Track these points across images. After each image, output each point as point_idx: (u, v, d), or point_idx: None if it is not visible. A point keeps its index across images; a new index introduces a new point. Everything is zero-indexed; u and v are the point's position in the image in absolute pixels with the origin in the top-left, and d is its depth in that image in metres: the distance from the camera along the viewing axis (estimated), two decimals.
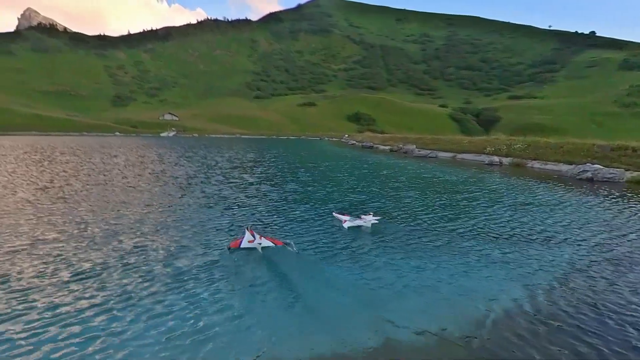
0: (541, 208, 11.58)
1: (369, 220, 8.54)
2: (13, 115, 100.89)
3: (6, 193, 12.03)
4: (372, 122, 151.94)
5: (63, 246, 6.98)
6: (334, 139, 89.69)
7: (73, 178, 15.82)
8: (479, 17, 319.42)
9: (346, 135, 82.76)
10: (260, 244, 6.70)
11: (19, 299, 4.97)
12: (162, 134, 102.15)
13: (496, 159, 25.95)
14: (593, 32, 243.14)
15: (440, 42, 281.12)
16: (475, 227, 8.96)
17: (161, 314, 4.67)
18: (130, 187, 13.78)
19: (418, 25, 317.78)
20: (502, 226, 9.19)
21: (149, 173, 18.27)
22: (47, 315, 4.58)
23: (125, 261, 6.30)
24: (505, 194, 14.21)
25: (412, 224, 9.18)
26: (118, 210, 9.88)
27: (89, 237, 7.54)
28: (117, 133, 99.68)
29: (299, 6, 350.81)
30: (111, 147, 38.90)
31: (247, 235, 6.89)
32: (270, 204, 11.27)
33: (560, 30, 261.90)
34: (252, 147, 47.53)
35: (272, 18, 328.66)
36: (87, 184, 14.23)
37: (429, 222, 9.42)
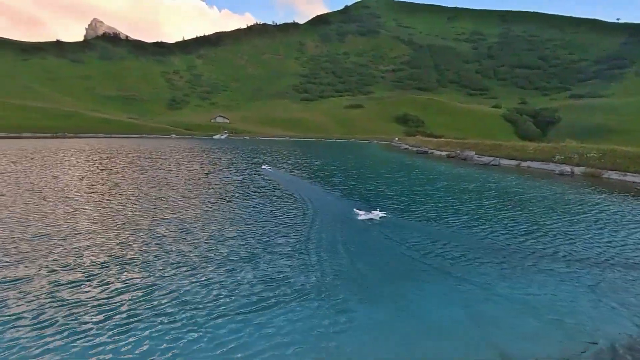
0: (631, 226, 10.71)
1: (376, 214, 10.99)
2: (83, 119, 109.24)
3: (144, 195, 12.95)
4: (420, 123, 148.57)
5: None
6: (383, 142, 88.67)
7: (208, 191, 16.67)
8: (536, 13, 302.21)
9: (396, 139, 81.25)
10: None
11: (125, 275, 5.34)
12: (214, 136, 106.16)
13: (567, 168, 24.38)
14: None
15: (493, 39, 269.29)
16: (565, 247, 8.63)
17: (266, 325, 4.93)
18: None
19: (470, 23, 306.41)
20: (593, 247, 8.72)
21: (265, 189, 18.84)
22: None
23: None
24: (586, 209, 13.31)
25: (500, 241, 8.86)
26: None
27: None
28: (174, 135, 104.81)
29: (347, 8, 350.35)
30: (182, 151, 40.60)
31: None
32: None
33: (631, 23, 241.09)
34: (310, 152, 48.13)
35: (319, 21, 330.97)
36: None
37: (520, 240, 9.08)
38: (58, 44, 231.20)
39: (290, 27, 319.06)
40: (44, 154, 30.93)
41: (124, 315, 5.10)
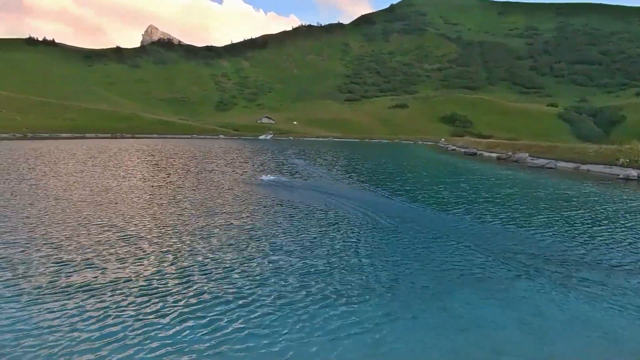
0: None
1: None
2: (139, 121, 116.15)
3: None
4: (468, 124, 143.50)
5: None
6: (429, 143, 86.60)
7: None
8: (597, 4, 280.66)
9: (443, 140, 78.94)
10: None
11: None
12: (260, 137, 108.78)
13: (633, 172, 22.58)
14: None
15: (549, 34, 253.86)
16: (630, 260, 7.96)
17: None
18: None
19: (523, 18, 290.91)
20: None
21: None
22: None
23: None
24: None
25: (564, 252, 8.44)
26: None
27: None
28: (221, 136, 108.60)
29: (392, 7, 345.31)
30: (232, 152, 42.03)
31: None
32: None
33: None
34: (357, 153, 48.14)
35: (364, 20, 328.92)
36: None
37: (581, 252, 8.58)
38: (118, 50, 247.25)
39: (334, 28, 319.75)
40: (109, 153, 33.27)
41: (195, 307, 5.44)
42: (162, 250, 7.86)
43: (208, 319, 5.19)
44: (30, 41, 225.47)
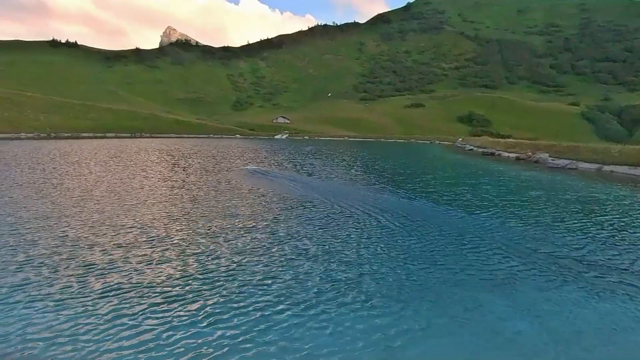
0: None
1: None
2: (158, 121, 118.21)
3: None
4: (486, 123, 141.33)
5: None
6: (445, 143, 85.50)
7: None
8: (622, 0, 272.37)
9: (460, 140, 77.79)
10: None
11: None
12: (276, 137, 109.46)
13: None
14: None
15: (571, 31, 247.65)
16: None
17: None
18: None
19: (543, 15, 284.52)
20: None
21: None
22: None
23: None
24: None
25: (605, 259, 8.23)
26: None
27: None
28: (238, 135, 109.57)
29: (408, 5, 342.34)
30: (251, 151, 42.41)
31: None
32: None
33: None
34: (373, 152, 47.98)
35: (380, 19, 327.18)
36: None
37: (623, 259, 8.34)
38: (137, 51, 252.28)
39: (350, 27, 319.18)
40: (129, 153, 33.98)
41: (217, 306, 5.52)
42: (188, 252, 7.96)
43: (236, 322, 5.24)
44: (54, 43, 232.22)
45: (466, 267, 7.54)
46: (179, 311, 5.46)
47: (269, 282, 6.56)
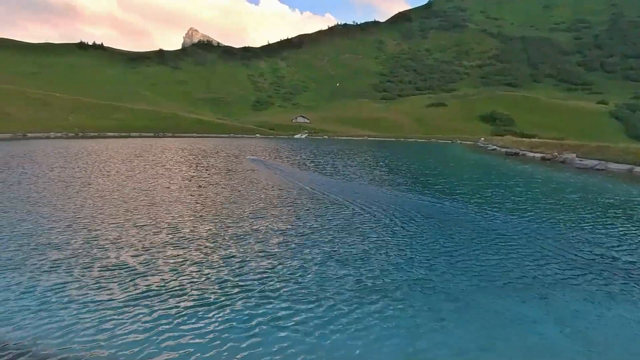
0: None
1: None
2: (180, 120, 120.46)
3: None
4: (509, 123, 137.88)
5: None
6: (467, 143, 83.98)
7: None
8: None
9: (482, 139, 76.22)
10: None
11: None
12: (295, 136, 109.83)
13: None
14: None
15: (600, 27, 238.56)
16: None
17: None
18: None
19: (570, 11, 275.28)
20: None
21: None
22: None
23: None
24: None
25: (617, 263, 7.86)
26: None
27: None
28: (258, 135, 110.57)
29: (429, 3, 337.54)
30: (273, 151, 42.71)
31: None
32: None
33: None
34: (395, 152, 47.56)
35: (400, 18, 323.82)
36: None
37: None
38: (160, 52, 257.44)
39: (370, 26, 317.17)
40: (153, 152, 34.68)
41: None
42: (220, 254, 8.00)
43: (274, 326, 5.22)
44: (82, 45, 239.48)
45: (503, 274, 7.31)
46: (215, 313, 5.49)
47: (299, 282, 6.51)
